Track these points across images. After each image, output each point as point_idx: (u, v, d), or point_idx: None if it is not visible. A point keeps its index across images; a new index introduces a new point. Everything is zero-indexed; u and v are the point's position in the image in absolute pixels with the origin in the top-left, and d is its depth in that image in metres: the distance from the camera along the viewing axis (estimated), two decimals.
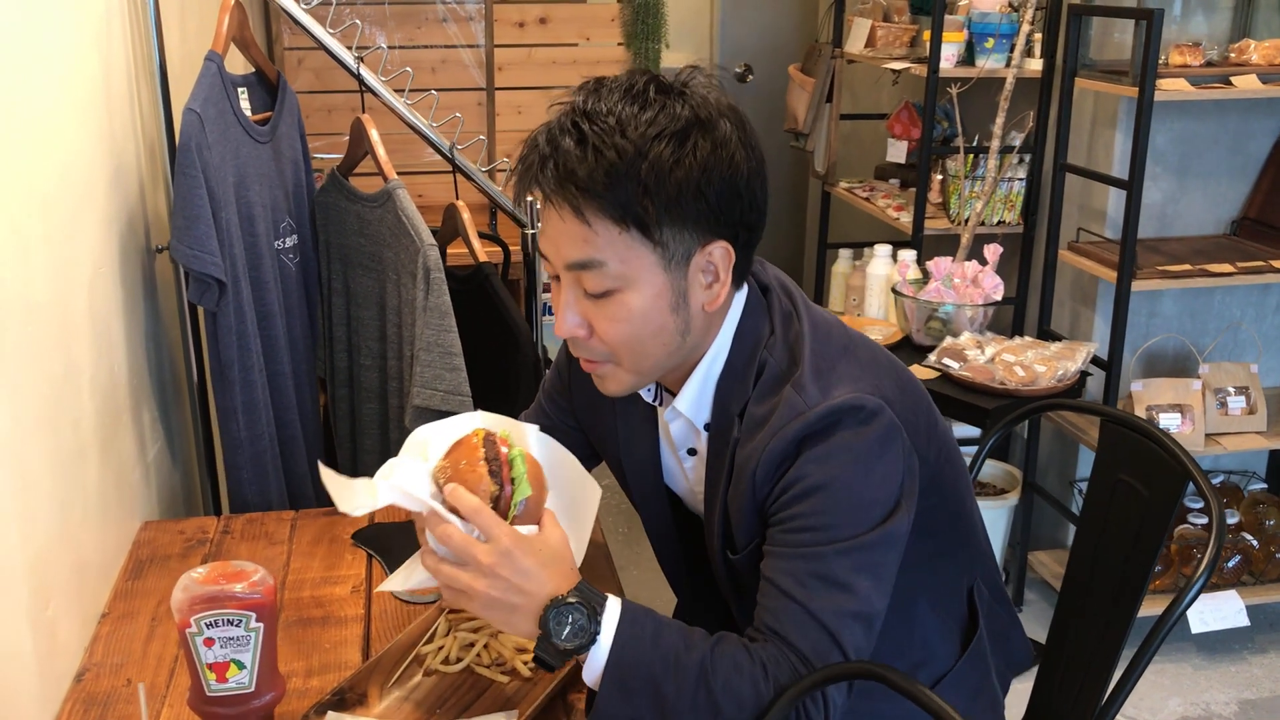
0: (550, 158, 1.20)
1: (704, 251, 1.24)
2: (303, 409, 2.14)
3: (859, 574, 1.23)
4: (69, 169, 1.57)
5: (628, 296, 1.23)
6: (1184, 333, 3.15)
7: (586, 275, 1.23)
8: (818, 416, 1.23)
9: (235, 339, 1.89)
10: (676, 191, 1.18)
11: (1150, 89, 2.58)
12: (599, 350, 1.29)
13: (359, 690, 1.38)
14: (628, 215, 1.19)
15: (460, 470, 1.23)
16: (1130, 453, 1.71)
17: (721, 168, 1.20)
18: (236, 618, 1.24)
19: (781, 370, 1.30)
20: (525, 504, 1.24)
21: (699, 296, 1.27)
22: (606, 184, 1.17)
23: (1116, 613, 1.67)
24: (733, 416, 1.31)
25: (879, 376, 1.30)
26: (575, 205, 1.19)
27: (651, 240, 1.20)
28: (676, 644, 1.21)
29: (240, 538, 1.78)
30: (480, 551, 1.19)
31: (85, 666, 1.45)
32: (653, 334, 1.26)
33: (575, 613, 1.18)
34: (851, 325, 1.43)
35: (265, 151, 2.03)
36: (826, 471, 1.23)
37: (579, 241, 1.21)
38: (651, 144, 1.18)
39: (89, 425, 1.58)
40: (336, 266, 2.21)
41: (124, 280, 1.79)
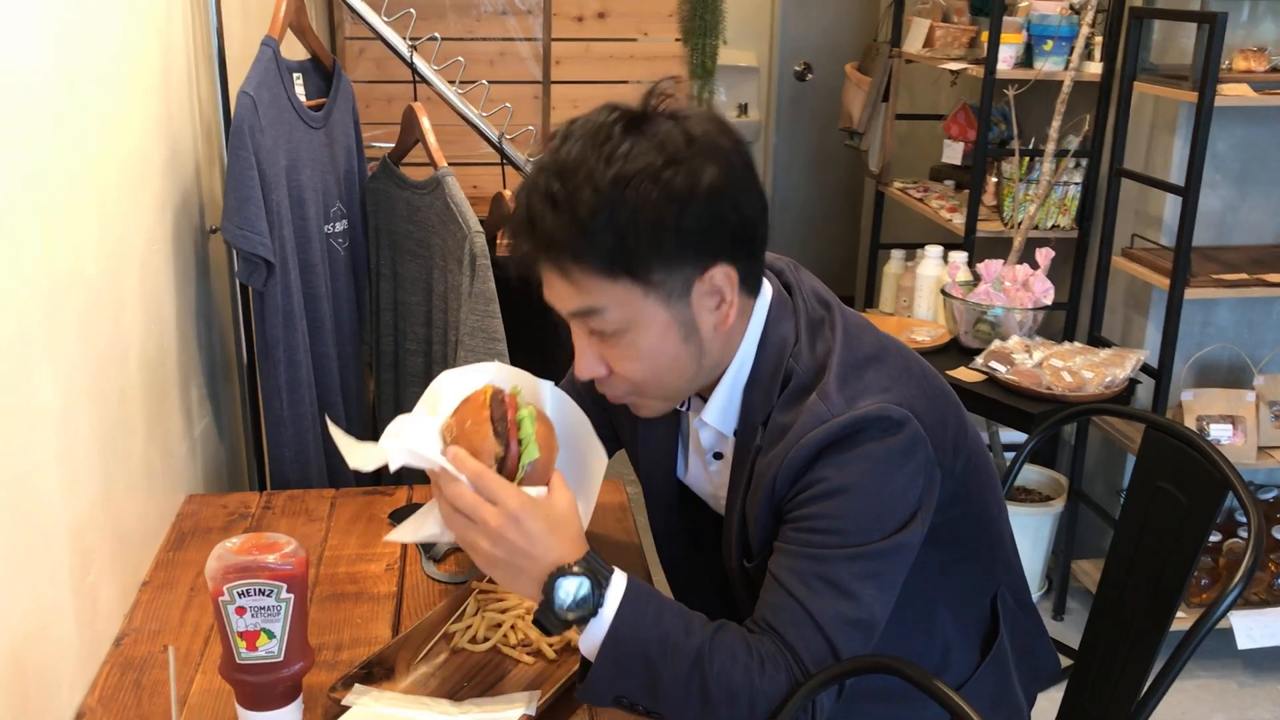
0: (528, 223, 1.21)
1: (703, 279, 1.22)
2: (346, 391, 2.18)
3: (864, 581, 1.23)
4: (126, 148, 1.61)
5: (634, 337, 1.23)
6: (1240, 343, 3.10)
7: (591, 320, 1.23)
8: (841, 426, 1.23)
9: (281, 319, 1.93)
10: (654, 232, 1.16)
11: (1210, 94, 2.54)
12: (622, 386, 1.29)
13: (386, 665, 1.41)
14: (614, 265, 1.18)
15: (465, 431, 1.23)
16: (1171, 460, 1.70)
17: (698, 195, 1.17)
18: (268, 588, 1.26)
19: (807, 379, 1.29)
20: (533, 466, 1.24)
21: (708, 320, 1.26)
22: (585, 242, 1.16)
23: (1151, 622, 1.66)
24: (756, 425, 1.32)
25: (908, 387, 1.29)
26: (561, 267, 1.19)
27: (643, 283, 1.19)
28: (676, 626, 1.22)
29: (281, 513, 1.82)
30: (488, 513, 1.19)
31: (124, 632, 1.49)
32: (668, 366, 1.26)
33: (579, 583, 1.19)
34: (900, 326, 1.43)
35: (318, 137, 2.07)
36: (845, 476, 1.23)
37: (572, 294, 1.21)
38: (624, 191, 1.15)
39: (135, 398, 1.62)
40: (385, 252, 2.24)
41: (176, 259, 1.84)
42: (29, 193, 1.26)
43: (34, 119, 1.29)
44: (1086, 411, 1.87)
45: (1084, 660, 1.77)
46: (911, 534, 1.25)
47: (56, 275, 1.34)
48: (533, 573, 1.20)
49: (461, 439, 1.23)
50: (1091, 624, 1.77)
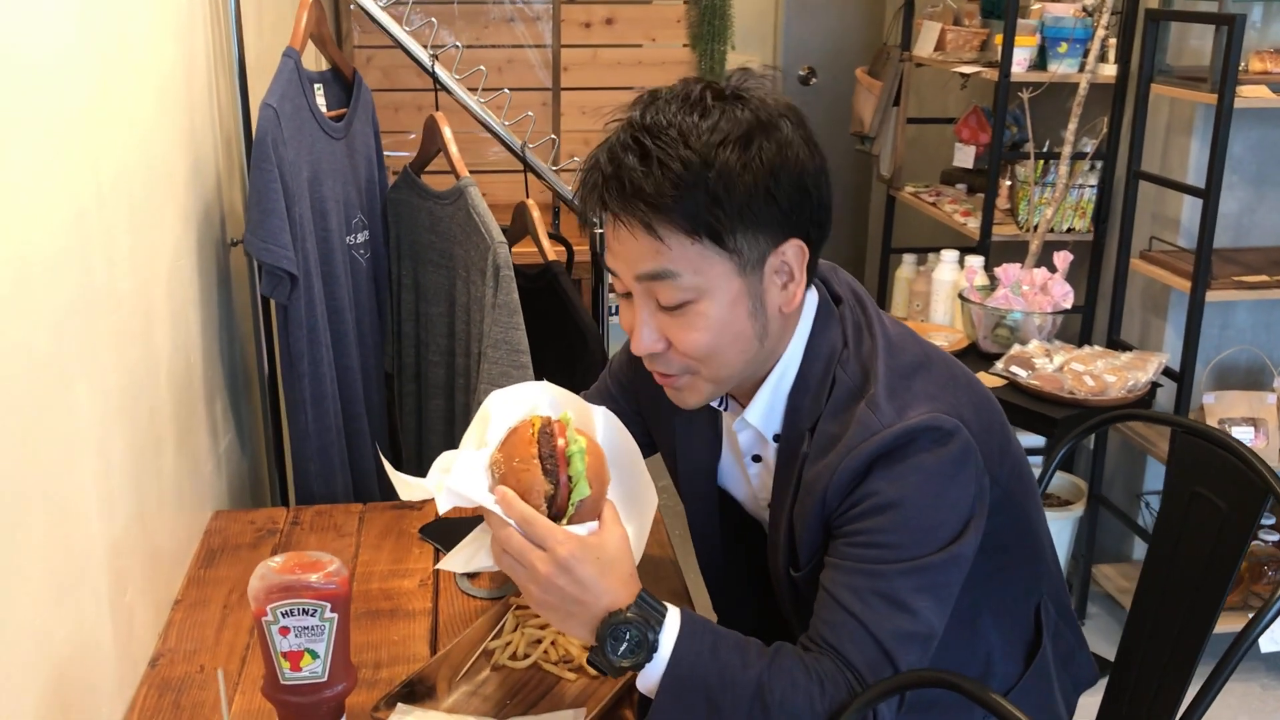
0: (615, 176, 1.19)
1: (778, 252, 1.23)
2: (369, 403, 2.16)
3: (921, 594, 1.22)
4: (152, 160, 1.59)
5: (705, 306, 1.22)
6: (1257, 345, 3.09)
7: (660, 287, 1.21)
8: (893, 436, 1.22)
9: (305, 332, 1.91)
10: (746, 196, 1.17)
11: (1230, 95, 2.53)
12: (677, 363, 1.27)
13: (427, 683, 1.39)
14: (699, 226, 1.17)
15: (514, 469, 1.21)
16: (1206, 465, 1.68)
17: (789, 168, 1.19)
18: (311, 607, 1.24)
19: (855, 386, 1.28)
20: (583, 503, 1.22)
21: (775, 298, 1.26)
22: (675, 196, 1.16)
23: (1190, 628, 1.64)
24: (803, 431, 1.30)
25: (955, 395, 1.28)
26: (645, 221, 1.18)
27: (725, 248, 1.19)
28: (733, 659, 1.21)
29: (309, 529, 1.80)
30: (537, 560, 1.18)
31: (159, 652, 1.47)
32: (731, 341, 1.24)
33: (632, 630, 1.18)
34: (917, 331, 1.41)
35: (339, 147, 2.05)
36: (898, 490, 1.22)
37: (650, 255, 1.20)
38: (716, 151, 1.16)
39: (166, 415, 1.60)
40: (407, 263, 2.22)
41: (200, 272, 1.82)
42: (68, 203, 1.25)
43: (71, 131, 1.27)
44: (1121, 417, 1.85)
45: (1121, 668, 1.76)
46: (965, 544, 1.24)
47: (93, 290, 1.32)
48: (584, 618, 1.20)
49: (509, 477, 1.21)
50: (1129, 631, 1.75)
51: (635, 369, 1.52)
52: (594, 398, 1.59)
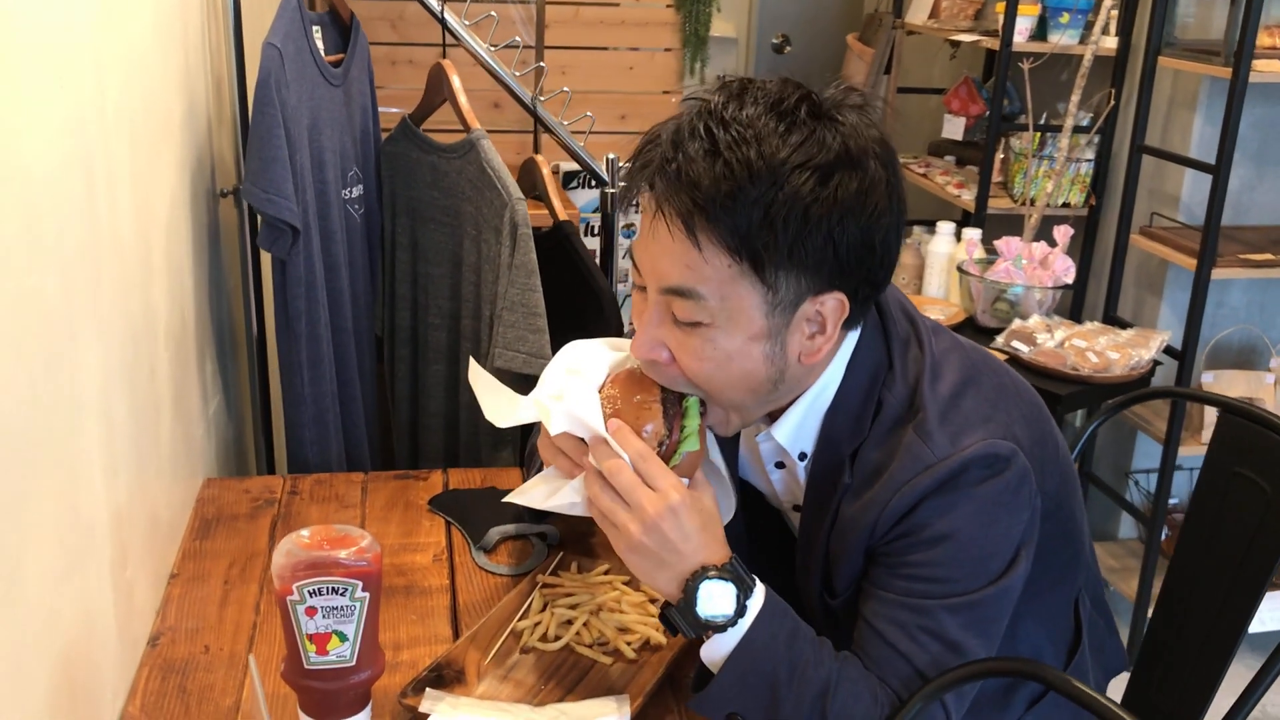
0: (672, 160, 1.07)
1: (815, 300, 1.10)
2: (363, 368, 2.05)
3: (969, 632, 1.15)
4: (151, 101, 1.47)
5: (717, 334, 1.10)
6: (1251, 324, 3.06)
7: (679, 302, 1.10)
8: (948, 472, 1.12)
9: (304, 290, 1.80)
10: (806, 232, 1.05)
11: (1245, 70, 2.48)
12: (677, 380, 1.16)
13: (455, 666, 1.30)
14: (744, 246, 1.05)
15: (634, 405, 1.15)
16: (1250, 446, 1.63)
17: (862, 215, 1.06)
18: (342, 586, 1.14)
19: (900, 410, 1.18)
20: (686, 458, 1.16)
21: (797, 346, 1.13)
22: (729, 205, 1.04)
23: (1230, 616, 1.59)
24: (842, 459, 1.20)
25: (1008, 410, 1.19)
26: (688, 221, 1.06)
27: (762, 279, 1.07)
28: (807, 653, 1.13)
29: (309, 499, 1.69)
30: (645, 499, 1.10)
31: (159, 631, 1.36)
32: (738, 380, 1.14)
33: (725, 588, 1.10)
34: (912, 304, 1.31)
35: (338, 95, 1.93)
36: (950, 523, 1.13)
37: (681, 265, 1.08)
38: (791, 173, 1.03)
39: (164, 375, 1.48)
40: (403, 220, 2.10)
41: (194, 223, 1.70)
42: (73, 143, 1.13)
43: (76, 63, 1.15)
44: (1158, 394, 1.80)
45: (1151, 654, 1.71)
46: (1016, 576, 1.17)
47: (98, 236, 1.20)
48: (678, 569, 1.11)
49: (627, 412, 1.14)
50: (1160, 616, 1.70)
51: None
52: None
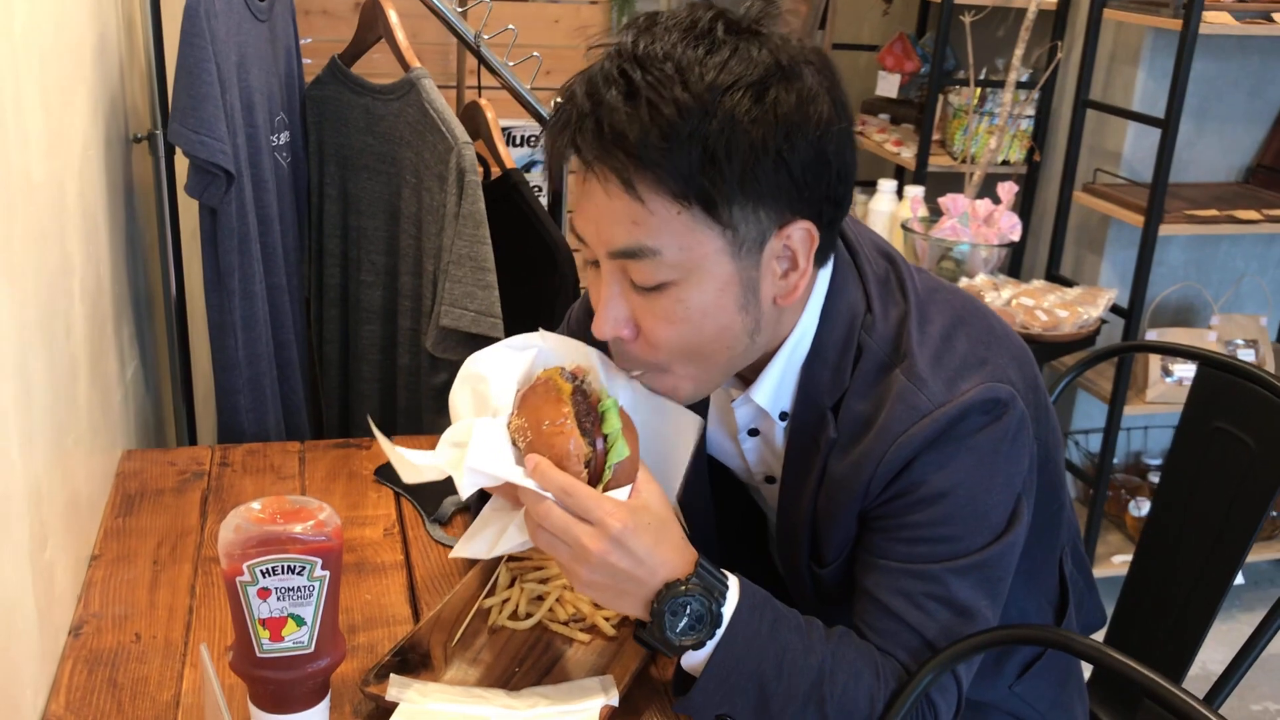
0: (592, 115, 0.96)
1: (781, 235, 1.01)
2: (296, 329, 1.90)
3: (978, 593, 1.07)
4: (62, 31, 1.31)
5: (686, 291, 1.00)
6: (1190, 281, 3.05)
7: (635, 265, 0.99)
8: (947, 420, 1.03)
9: (237, 243, 1.64)
10: (752, 158, 0.95)
11: (1196, 21, 2.44)
12: (647, 355, 1.05)
13: (420, 650, 1.18)
14: (690, 189, 0.95)
15: (545, 434, 1.01)
16: (1231, 400, 1.58)
17: (807, 128, 0.97)
18: (299, 564, 1.02)
19: (885, 355, 1.09)
20: (619, 467, 1.03)
21: (771, 288, 1.04)
22: (664, 149, 0.94)
23: (1211, 574, 1.55)
24: (824, 411, 1.10)
25: (1001, 352, 1.10)
26: (624, 177, 0.95)
27: (718, 221, 0.97)
28: (793, 643, 1.04)
29: (242, 471, 1.55)
30: (585, 536, 0.98)
31: (82, 619, 1.22)
32: (714, 336, 1.03)
33: (694, 603, 1.00)
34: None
35: (263, 31, 1.77)
36: (948, 477, 1.05)
37: (627, 223, 0.98)
38: (721, 97, 0.94)
39: (80, 334, 1.33)
40: (331, 169, 1.95)
41: (108, 169, 1.54)
42: None
43: None
44: (1131, 349, 1.75)
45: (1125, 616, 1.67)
46: (1018, 530, 1.09)
47: (9, 176, 1.05)
48: (640, 594, 1.01)
49: (540, 443, 1.01)
50: (1136, 568, 1.66)
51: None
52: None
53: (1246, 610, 2.99)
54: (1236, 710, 2.70)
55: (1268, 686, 2.76)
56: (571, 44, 3.47)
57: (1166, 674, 1.58)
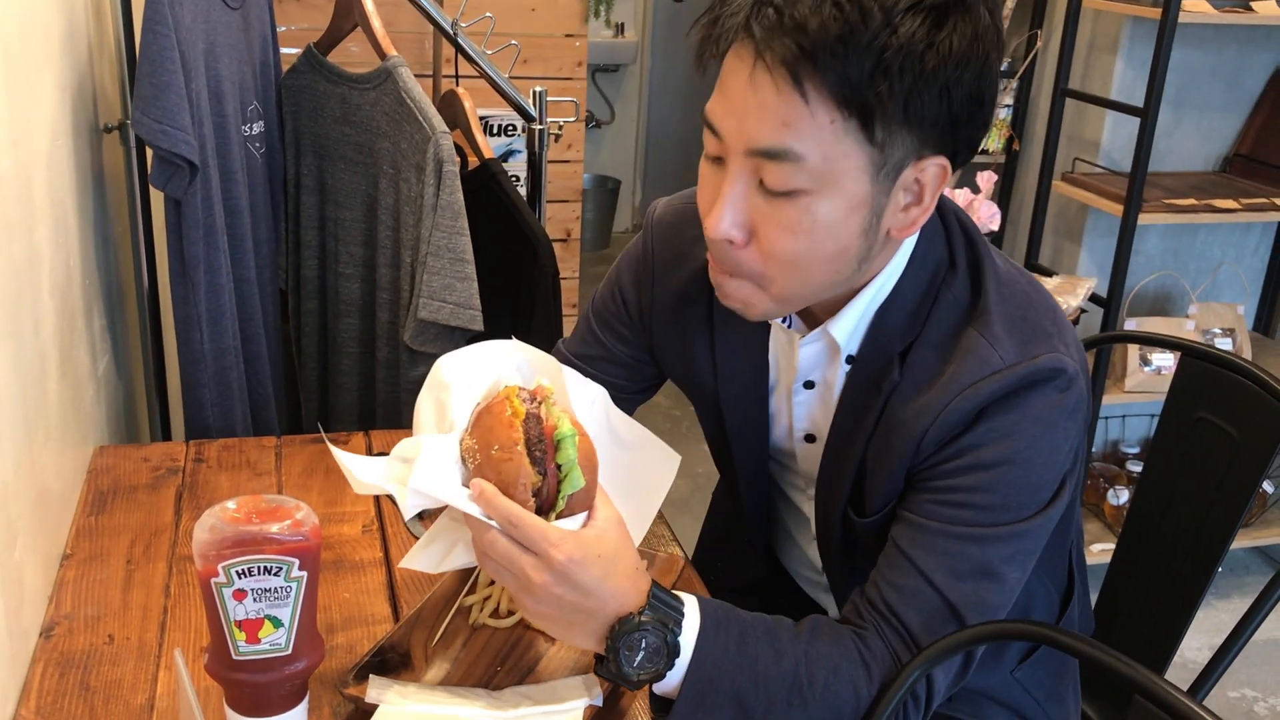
0: (774, 3, 0.93)
1: (917, 166, 0.98)
2: (267, 323, 1.87)
3: (1011, 563, 1.06)
4: (27, 19, 1.28)
5: (817, 202, 0.97)
6: (1167, 270, 3.06)
7: (773, 167, 0.96)
8: (1017, 378, 1.03)
9: (202, 235, 1.61)
10: (921, 81, 0.93)
11: (1175, 10, 2.43)
12: (751, 266, 1.03)
13: (400, 650, 1.16)
14: (854, 98, 0.92)
15: (493, 459, 0.97)
16: (1213, 391, 1.58)
17: (975, 64, 0.95)
18: (276, 565, 1.00)
19: (962, 310, 1.08)
20: (573, 499, 0.99)
21: (892, 219, 1.01)
22: (840, 50, 0.91)
23: (1193, 566, 1.55)
24: (891, 356, 1.09)
25: (1067, 335, 1.10)
26: (794, 70, 0.92)
27: (870, 138, 0.94)
28: (764, 651, 1.03)
29: (217, 467, 1.52)
30: (529, 567, 0.96)
31: (54, 620, 1.20)
32: (831, 256, 1.01)
33: (648, 635, 0.98)
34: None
35: (235, 19, 1.74)
36: (1009, 445, 1.03)
37: (779, 122, 0.94)
38: (904, 16, 0.91)
39: (49, 329, 1.30)
40: (308, 160, 1.92)
41: (76, 158, 1.51)
42: None
43: None
44: (1117, 338, 1.74)
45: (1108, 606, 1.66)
46: (1060, 504, 1.08)
47: None
48: (590, 627, 0.99)
49: (488, 468, 0.97)
50: (1117, 564, 1.66)
51: (651, 294, 1.28)
52: (576, 347, 1.36)
53: (1223, 598, 3.00)
54: (1215, 697, 2.71)
55: (1245, 673, 2.77)
56: (548, 33, 3.44)
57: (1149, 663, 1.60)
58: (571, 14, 3.47)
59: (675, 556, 1.34)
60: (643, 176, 5.76)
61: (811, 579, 1.42)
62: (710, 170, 1.03)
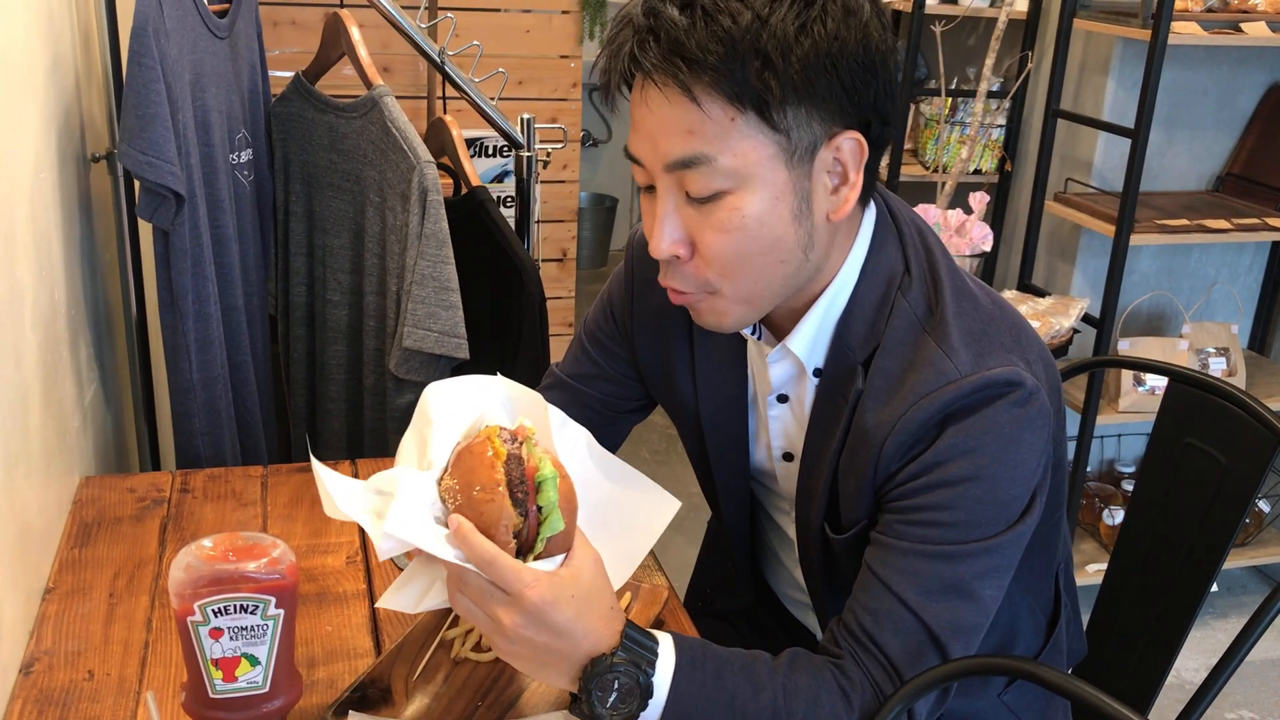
0: (651, 30, 0.99)
1: (831, 145, 1.02)
2: (255, 350, 1.87)
3: (985, 580, 1.06)
4: (8, 50, 1.28)
5: (741, 199, 1.01)
6: (1161, 290, 3.06)
7: (691, 175, 1.00)
8: (971, 388, 1.03)
9: (190, 264, 1.62)
10: (803, 64, 0.97)
11: (1164, 31, 2.44)
12: (699, 276, 1.05)
13: (381, 685, 1.16)
14: (744, 94, 0.97)
15: (474, 500, 0.96)
16: (1201, 416, 1.57)
17: (855, 36, 0.99)
18: (252, 603, 1.00)
19: (919, 318, 1.09)
20: (551, 541, 0.98)
21: (824, 203, 1.04)
22: (721, 55, 0.96)
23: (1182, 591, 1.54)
24: (854, 365, 1.10)
25: (1029, 350, 1.10)
26: (683, 84, 0.97)
27: (772, 126, 0.99)
28: (742, 688, 1.03)
29: (203, 497, 1.52)
30: (500, 607, 0.96)
31: (34, 656, 1.19)
32: (768, 247, 1.03)
33: (621, 677, 0.98)
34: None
35: (223, 49, 1.74)
36: (972, 462, 1.04)
37: (683, 132, 0.99)
38: (773, 8, 0.97)
39: (32, 361, 1.30)
40: (297, 187, 1.93)
41: (62, 190, 1.51)
42: None
43: None
44: (1108, 363, 1.74)
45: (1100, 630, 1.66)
46: (1031, 519, 1.08)
47: None
48: (562, 668, 0.99)
49: (470, 509, 0.96)
50: (1109, 586, 1.65)
51: (632, 313, 1.30)
52: (571, 368, 1.37)
53: (1220, 617, 2.99)
54: (1212, 718, 2.70)
55: (1242, 694, 2.76)
56: (543, 54, 3.45)
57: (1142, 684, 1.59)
58: (566, 36, 3.49)
59: (659, 588, 1.33)
60: (639, 195, 5.77)
61: (797, 600, 1.42)
62: (646, 201, 1.07)
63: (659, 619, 1.30)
